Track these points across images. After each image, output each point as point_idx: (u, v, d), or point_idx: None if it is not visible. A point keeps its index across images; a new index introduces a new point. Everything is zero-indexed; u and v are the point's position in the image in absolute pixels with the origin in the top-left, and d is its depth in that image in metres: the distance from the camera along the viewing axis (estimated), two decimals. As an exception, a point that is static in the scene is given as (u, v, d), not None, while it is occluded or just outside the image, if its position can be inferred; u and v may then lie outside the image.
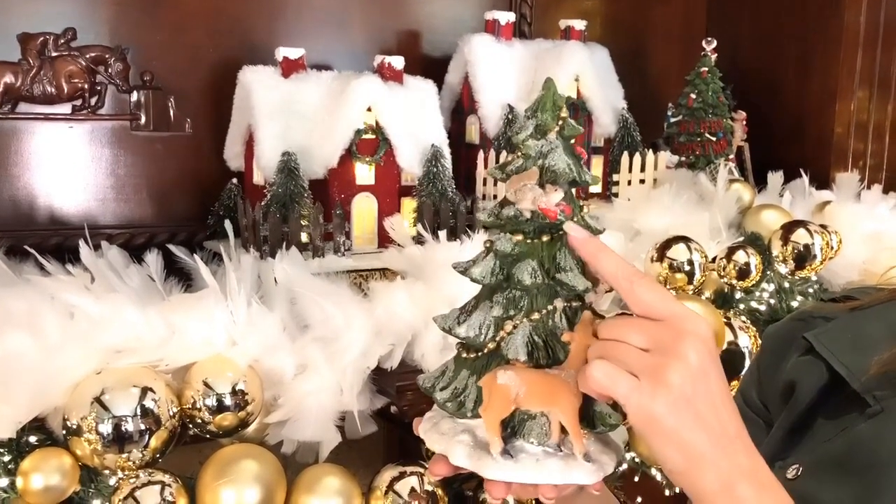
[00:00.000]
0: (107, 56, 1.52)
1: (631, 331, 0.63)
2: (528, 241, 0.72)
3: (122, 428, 1.01)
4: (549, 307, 0.72)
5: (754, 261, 1.39)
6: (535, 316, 0.72)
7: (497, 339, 0.73)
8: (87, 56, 1.50)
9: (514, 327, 0.72)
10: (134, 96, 1.56)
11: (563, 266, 0.71)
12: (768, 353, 0.90)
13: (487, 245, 0.73)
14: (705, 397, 0.61)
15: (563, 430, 0.71)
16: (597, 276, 0.71)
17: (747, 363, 1.32)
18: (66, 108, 1.51)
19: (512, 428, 0.72)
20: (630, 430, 1.28)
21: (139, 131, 1.57)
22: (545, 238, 0.72)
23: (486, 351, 0.73)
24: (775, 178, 1.76)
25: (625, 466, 0.70)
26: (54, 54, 1.47)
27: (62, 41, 1.48)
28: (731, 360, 1.31)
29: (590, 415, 0.72)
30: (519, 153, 0.72)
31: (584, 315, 0.71)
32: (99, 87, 1.53)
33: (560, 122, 0.71)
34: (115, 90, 1.54)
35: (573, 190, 0.74)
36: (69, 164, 1.54)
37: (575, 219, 0.71)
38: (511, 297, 0.73)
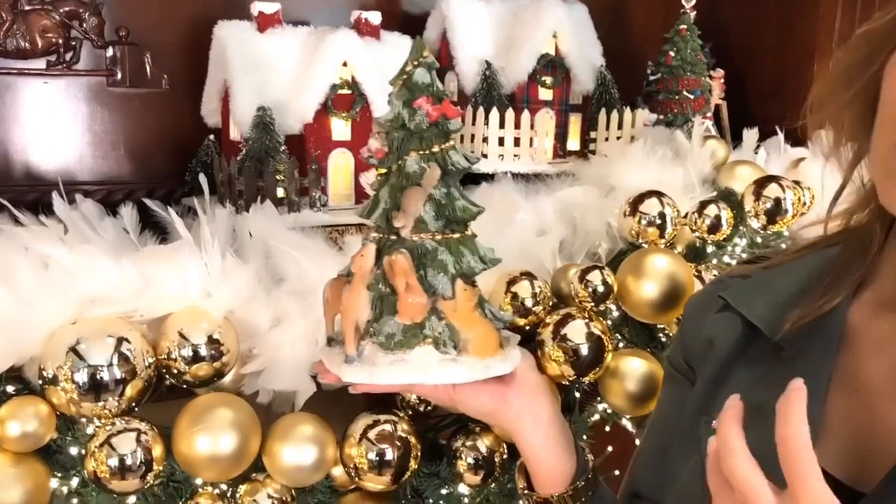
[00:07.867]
0: (81, 10, 1.50)
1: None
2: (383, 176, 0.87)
3: (98, 377, 1.02)
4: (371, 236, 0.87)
5: (725, 215, 1.41)
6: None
7: None
8: (61, 10, 1.49)
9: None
10: (109, 52, 1.55)
11: (387, 204, 0.85)
12: (690, 316, 0.94)
13: None
14: None
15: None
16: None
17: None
18: (40, 64, 1.50)
19: None
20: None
21: (116, 87, 1.56)
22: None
23: None
24: (750, 135, 1.77)
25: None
26: (27, 8, 1.46)
27: (35, -5, 1.47)
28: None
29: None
30: None
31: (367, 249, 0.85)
32: (74, 43, 1.52)
33: (403, 77, 0.83)
34: (91, 45, 1.53)
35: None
36: (45, 120, 1.54)
37: (394, 167, 0.84)
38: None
